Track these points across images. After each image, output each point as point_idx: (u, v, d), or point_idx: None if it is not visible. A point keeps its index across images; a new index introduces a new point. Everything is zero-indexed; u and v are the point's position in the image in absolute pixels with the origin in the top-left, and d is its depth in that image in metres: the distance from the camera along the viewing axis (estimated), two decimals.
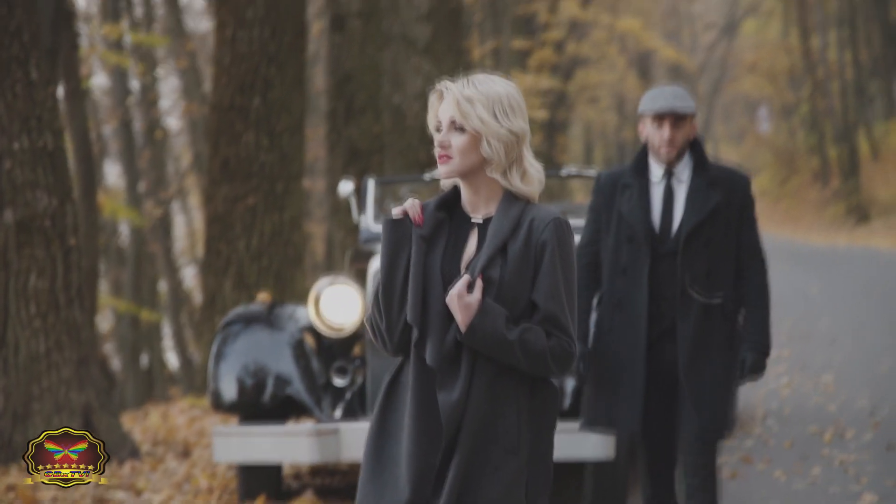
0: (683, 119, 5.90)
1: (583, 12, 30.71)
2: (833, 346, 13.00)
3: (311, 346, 7.80)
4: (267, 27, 11.43)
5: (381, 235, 3.97)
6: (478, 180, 3.93)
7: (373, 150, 14.16)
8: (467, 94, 3.84)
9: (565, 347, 3.87)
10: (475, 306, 3.83)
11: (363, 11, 14.24)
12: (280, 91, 11.46)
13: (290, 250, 11.47)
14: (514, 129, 3.87)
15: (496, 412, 3.89)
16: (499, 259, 3.88)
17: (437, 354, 3.89)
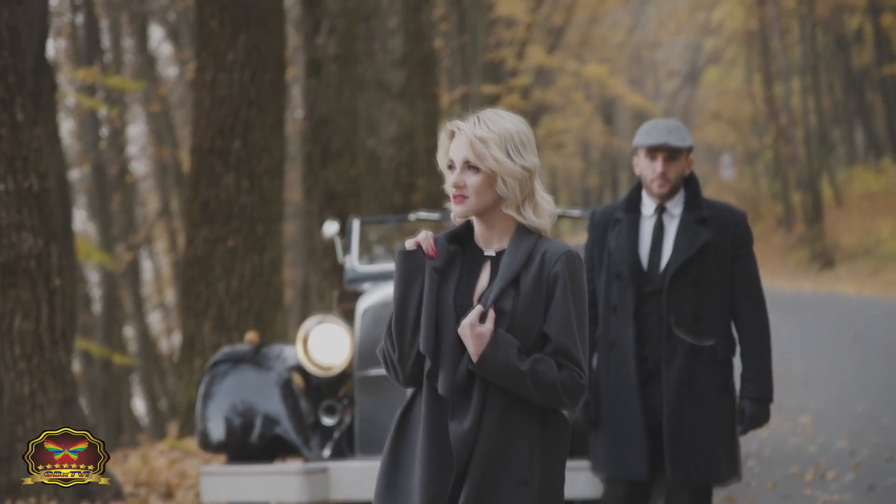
0: (678, 153, 5.74)
1: (549, 59, 30.92)
2: (808, 388, 13.09)
3: (300, 386, 7.81)
4: (247, 70, 11.48)
5: (395, 267, 4.02)
6: (492, 217, 3.99)
7: (349, 193, 14.21)
8: (480, 135, 3.88)
9: (576, 379, 3.90)
10: (487, 336, 3.86)
11: (339, 56, 14.32)
12: (260, 133, 11.50)
13: (271, 292, 11.48)
14: (526, 166, 3.93)
15: (508, 443, 3.91)
16: (511, 291, 3.92)
17: (449, 384, 3.92)
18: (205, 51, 11.62)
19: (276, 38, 11.76)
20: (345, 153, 14.26)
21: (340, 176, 14.21)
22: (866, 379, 13.16)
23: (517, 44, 28.63)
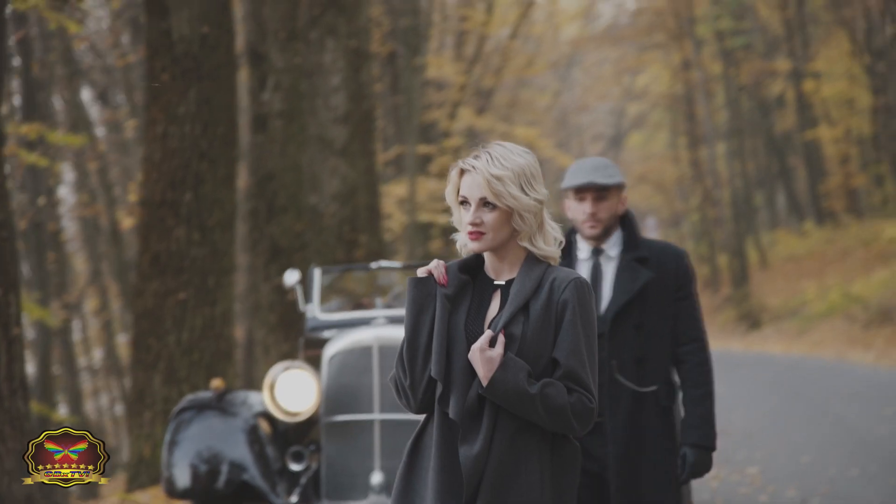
0: (606, 192, 5.53)
1: (479, 120, 31.15)
2: (752, 440, 13.23)
3: (266, 432, 7.82)
4: (198, 123, 11.51)
5: (406, 294, 4.09)
6: (505, 249, 4.07)
7: (294, 248, 14.24)
8: (497, 174, 3.96)
9: (586, 403, 3.94)
10: (497, 360, 3.91)
11: (284, 112, 14.39)
12: (212, 186, 11.52)
13: (222, 344, 11.45)
14: (539, 198, 4.02)
15: (518, 468, 3.95)
16: (521, 317, 3.98)
17: (460, 409, 3.96)
18: (155, 104, 11.64)
19: (227, 91, 11.80)
20: (290, 208, 14.29)
21: (285, 231, 14.23)
22: (808, 432, 13.32)
23: (449, 105, 28.85)
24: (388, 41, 26.10)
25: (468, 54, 31.70)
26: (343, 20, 16.09)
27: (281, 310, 14.05)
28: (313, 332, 8.58)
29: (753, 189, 41.07)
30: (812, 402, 15.88)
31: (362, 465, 7.62)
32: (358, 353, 7.71)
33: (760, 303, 33.86)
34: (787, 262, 37.47)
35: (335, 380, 7.73)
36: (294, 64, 14.46)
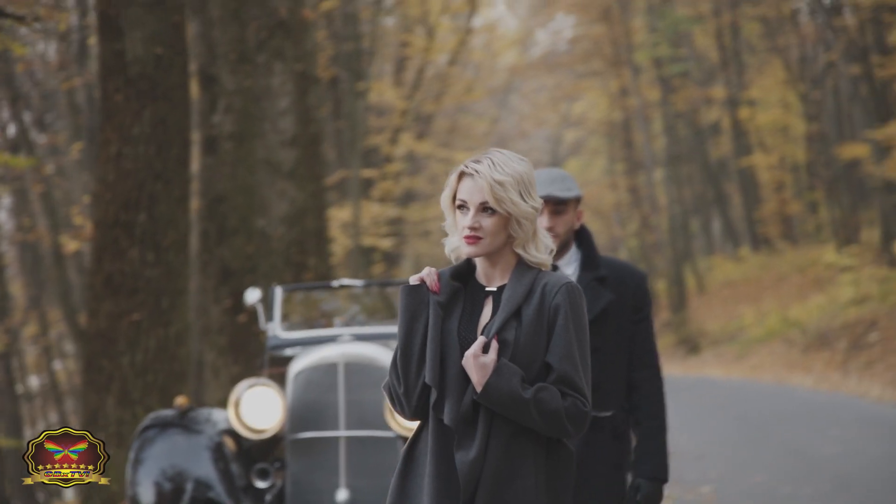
0: (564, 205, 5.30)
1: (419, 145, 31.24)
2: (702, 461, 13.34)
3: (231, 449, 7.81)
4: (153, 144, 11.49)
5: (399, 302, 4.11)
6: (498, 255, 4.10)
7: (245, 270, 14.22)
8: (499, 179, 4.01)
9: (580, 407, 3.98)
10: (491, 366, 3.95)
11: (235, 134, 14.39)
12: (166, 207, 11.49)
13: (176, 366, 11.41)
14: (536, 206, 4.07)
15: (513, 472, 3.98)
16: (513, 322, 4.02)
17: (455, 414, 3.99)
18: (109, 124, 11.60)
19: (181, 112, 11.79)
20: (241, 231, 14.28)
21: (236, 253, 14.21)
22: (757, 453, 13.45)
23: (391, 130, 28.91)
24: (332, 66, 26.14)
25: (409, 80, 31.83)
26: (290, 44, 16.09)
27: (231, 332, 14.01)
28: (275, 351, 8.58)
29: (690, 215, 41.44)
30: (758, 424, 16.04)
31: (328, 483, 7.63)
32: (324, 369, 7.73)
33: (699, 327, 34.15)
34: (724, 288, 37.82)
35: (300, 397, 7.74)
36: (245, 86, 14.47)
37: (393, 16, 31.46)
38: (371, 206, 25.38)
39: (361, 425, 7.62)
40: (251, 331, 13.85)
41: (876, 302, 24.81)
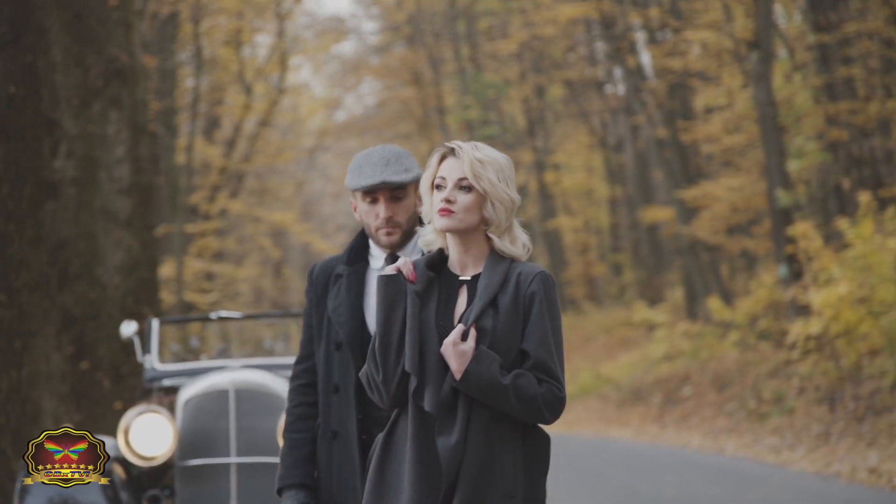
0: (403, 190, 4.70)
1: (233, 203, 31.15)
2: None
3: (121, 477, 7.74)
4: (5, 184, 11.34)
5: (377, 292, 4.17)
6: (470, 239, 4.20)
7: (88, 316, 14.02)
8: (479, 157, 4.15)
9: (556, 393, 4.12)
10: (470, 353, 4.04)
11: (78, 179, 14.23)
12: (19, 247, 11.32)
13: (28, 408, 11.20)
14: (512, 197, 4.20)
15: (493, 457, 4.07)
16: (490, 311, 4.12)
17: (435, 401, 4.07)
18: None
19: (34, 153, 11.66)
20: (83, 277, 14.09)
21: (78, 299, 14.02)
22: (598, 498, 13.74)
23: (208, 188, 28.81)
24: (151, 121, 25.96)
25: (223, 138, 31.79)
26: (126, 92, 16.03)
27: (73, 379, 13.79)
28: (152, 383, 8.55)
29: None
30: (592, 472, 16.36)
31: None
32: (214, 396, 7.74)
33: None
34: None
35: (190, 424, 7.74)
36: (87, 132, 14.35)
37: (208, 74, 31.41)
38: (194, 263, 25.22)
39: (252, 451, 7.64)
40: (94, 378, 13.67)
41: (687, 358, 25.56)
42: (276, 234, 38.91)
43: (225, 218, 30.15)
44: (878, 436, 15.96)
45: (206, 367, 8.39)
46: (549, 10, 30.01)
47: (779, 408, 20.23)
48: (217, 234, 29.64)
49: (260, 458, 7.62)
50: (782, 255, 21.87)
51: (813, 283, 19.83)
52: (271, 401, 7.67)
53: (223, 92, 31.99)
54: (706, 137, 27.47)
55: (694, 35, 25.46)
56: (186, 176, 25.71)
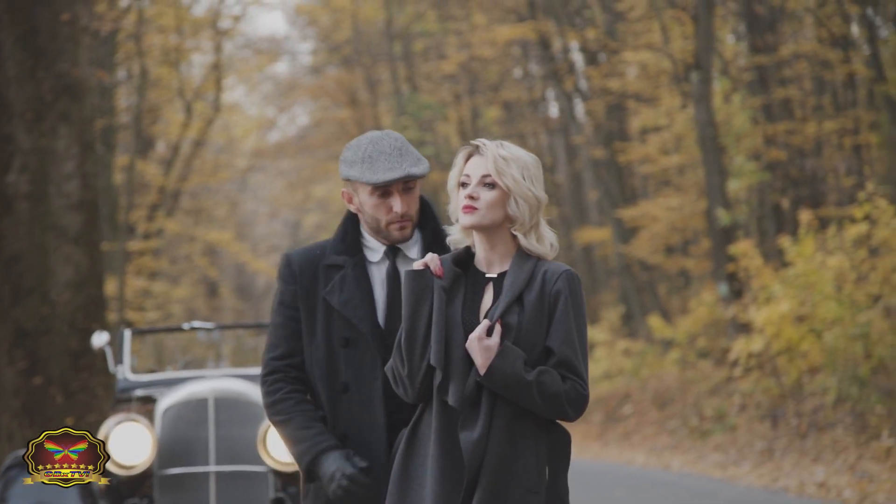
0: (415, 181, 4.43)
1: (170, 222, 30.98)
2: None
3: (99, 486, 7.72)
4: None
5: (403, 287, 4.20)
6: (496, 237, 4.23)
7: (40, 331, 13.93)
8: (503, 154, 4.18)
9: (580, 391, 4.14)
10: (495, 348, 4.07)
11: (31, 194, 14.15)
12: None
13: None
14: (537, 195, 4.22)
15: (516, 452, 4.11)
16: (516, 307, 4.15)
17: (459, 395, 4.10)
18: None
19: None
20: (36, 291, 14.00)
21: (31, 314, 13.92)
22: None
23: (146, 206, 28.66)
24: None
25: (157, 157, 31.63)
26: (76, 107, 15.97)
27: (26, 395, 13.68)
28: (124, 393, 8.53)
29: None
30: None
31: None
32: (193, 405, 7.75)
33: None
34: None
35: (170, 432, 7.73)
36: (40, 146, 14.27)
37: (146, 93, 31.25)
38: (135, 282, 25.09)
39: (232, 460, 7.65)
40: (46, 393, 13.58)
41: (628, 376, 25.75)
42: (211, 254, 38.75)
43: (161, 237, 29.98)
44: (823, 451, 16.17)
45: (180, 378, 8.38)
46: (485, 31, 30.20)
47: (721, 425, 20.43)
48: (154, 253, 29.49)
49: (239, 466, 7.63)
50: (723, 274, 22.11)
51: (754, 301, 20.06)
52: (251, 410, 7.68)
53: (159, 111, 31.84)
54: (643, 158, 27.73)
55: (633, 56, 25.71)
56: (127, 194, 25.57)
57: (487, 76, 34.02)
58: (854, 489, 13.37)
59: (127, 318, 24.88)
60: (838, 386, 17.14)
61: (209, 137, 34.78)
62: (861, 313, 17.03)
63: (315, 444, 4.35)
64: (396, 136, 4.44)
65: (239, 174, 41.66)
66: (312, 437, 4.36)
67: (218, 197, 40.56)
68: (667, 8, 25.08)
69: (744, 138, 23.22)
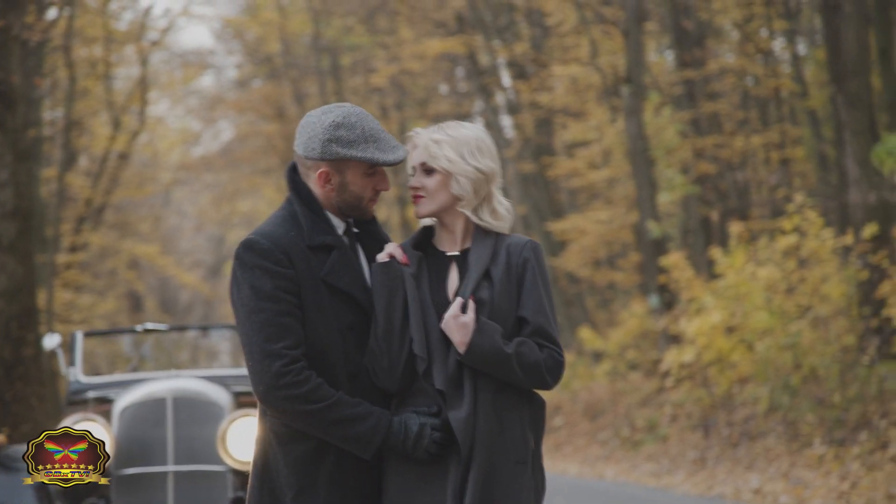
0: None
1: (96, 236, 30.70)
2: None
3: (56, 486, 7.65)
4: None
5: (373, 280, 4.20)
6: (451, 217, 4.27)
7: None
8: (435, 138, 4.23)
9: (556, 358, 4.19)
10: (471, 325, 4.10)
11: None
12: None
13: None
14: (481, 168, 4.23)
15: (503, 425, 4.15)
16: (485, 283, 4.19)
17: (444, 377, 4.13)
18: None
19: None
20: None
21: None
22: None
23: (73, 220, 28.38)
24: None
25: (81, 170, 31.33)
26: (10, 115, 15.82)
27: None
28: (76, 395, 8.47)
29: None
30: None
31: None
32: (151, 405, 7.70)
33: None
34: None
35: (127, 432, 7.68)
36: None
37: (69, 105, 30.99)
38: (63, 294, 24.84)
39: (190, 460, 7.61)
40: None
41: (558, 388, 25.85)
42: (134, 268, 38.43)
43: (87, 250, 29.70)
44: (756, 460, 16.34)
45: (133, 380, 8.33)
46: (415, 45, 30.25)
47: (652, 435, 20.58)
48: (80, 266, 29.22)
49: (198, 466, 7.60)
50: (654, 286, 22.29)
51: (684, 312, 20.24)
52: (209, 409, 7.65)
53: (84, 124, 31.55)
54: (570, 172, 27.89)
55: (563, 70, 25.88)
56: (56, 207, 25.32)
57: (415, 91, 34.08)
58: (790, 495, 13.52)
59: (55, 330, 24.63)
60: (769, 395, 17.33)
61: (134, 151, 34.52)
62: (791, 323, 17.21)
63: (382, 415, 4.21)
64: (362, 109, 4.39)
65: (163, 188, 41.34)
66: (373, 411, 4.20)
67: (142, 211, 40.26)
68: (596, 23, 25.28)
69: (673, 152, 23.44)
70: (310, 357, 4.23)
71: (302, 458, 4.22)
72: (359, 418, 4.18)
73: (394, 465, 4.21)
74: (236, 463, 7.50)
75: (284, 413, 4.18)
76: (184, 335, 10.22)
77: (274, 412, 4.20)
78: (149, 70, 32.42)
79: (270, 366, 4.13)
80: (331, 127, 4.25)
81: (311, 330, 4.23)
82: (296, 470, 4.22)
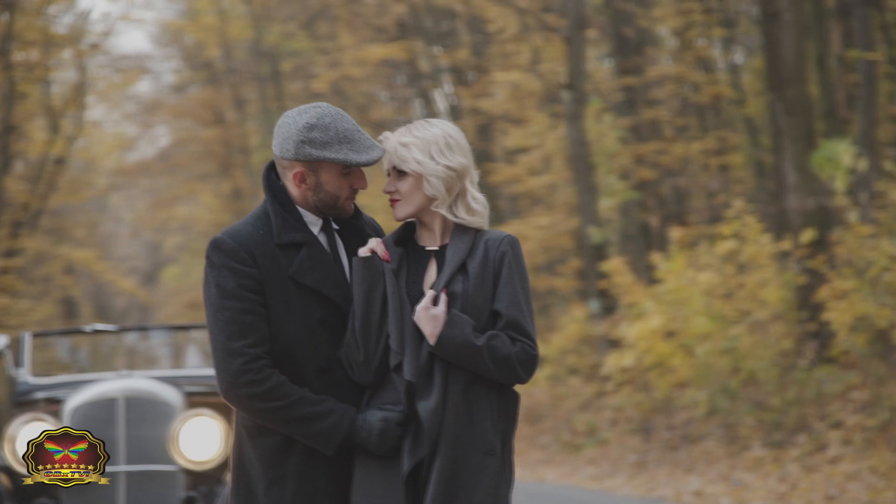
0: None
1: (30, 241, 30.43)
2: None
3: (6, 486, 7.61)
4: None
5: (354, 275, 4.24)
6: (429, 217, 4.32)
7: None
8: (403, 141, 4.27)
9: (529, 352, 4.23)
10: (442, 317, 4.15)
11: None
12: None
13: None
14: (452, 166, 4.28)
15: (472, 417, 4.20)
16: (460, 276, 4.24)
17: (415, 369, 4.17)
18: None
19: None
20: None
21: None
22: None
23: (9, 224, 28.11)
24: None
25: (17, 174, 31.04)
26: None
27: None
28: (24, 396, 8.44)
29: None
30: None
31: None
32: (102, 405, 7.69)
33: None
34: None
35: None
36: None
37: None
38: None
39: (142, 460, 7.60)
40: None
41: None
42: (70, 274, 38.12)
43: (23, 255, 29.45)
44: (696, 463, 16.48)
45: (82, 380, 8.30)
46: (355, 50, 30.23)
47: (592, 439, 20.70)
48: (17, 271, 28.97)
49: (149, 466, 7.59)
50: (594, 291, 22.42)
51: (624, 317, 20.36)
52: (161, 409, 7.65)
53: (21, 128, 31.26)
54: (511, 178, 27.98)
55: (504, 77, 25.98)
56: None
57: (356, 97, 34.08)
58: (730, 497, 13.65)
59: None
60: (709, 399, 17.48)
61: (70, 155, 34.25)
62: (730, 328, 17.37)
63: (345, 412, 4.26)
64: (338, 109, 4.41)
65: (100, 193, 41.05)
66: (335, 408, 4.25)
67: (78, 216, 39.96)
68: (538, 29, 25.40)
69: (614, 158, 23.59)
70: (276, 354, 4.27)
71: (270, 452, 4.28)
72: (319, 416, 4.23)
73: (360, 458, 4.25)
74: (188, 462, 7.50)
75: (246, 410, 4.26)
76: (123, 337, 10.13)
77: (237, 409, 4.28)
78: (87, 75, 32.18)
79: (232, 363, 4.19)
80: (304, 128, 4.28)
81: (277, 327, 4.26)
82: (265, 463, 4.28)
